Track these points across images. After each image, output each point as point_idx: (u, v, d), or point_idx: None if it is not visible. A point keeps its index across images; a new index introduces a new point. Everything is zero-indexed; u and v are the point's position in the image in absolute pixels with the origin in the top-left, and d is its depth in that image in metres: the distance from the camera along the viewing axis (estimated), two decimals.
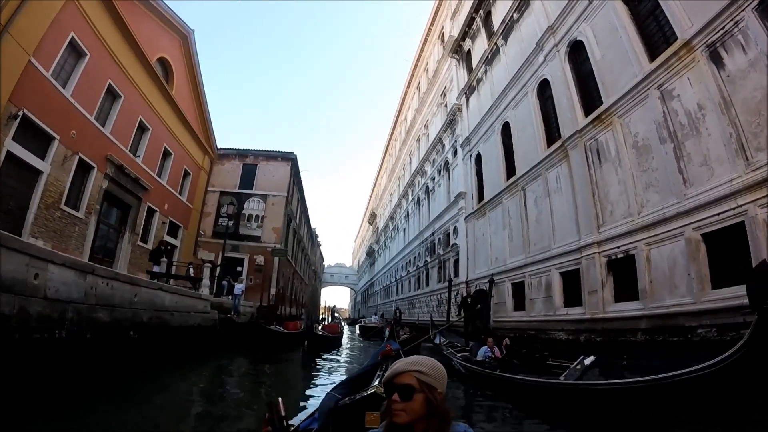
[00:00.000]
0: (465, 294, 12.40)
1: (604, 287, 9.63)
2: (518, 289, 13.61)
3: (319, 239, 59.80)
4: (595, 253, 10.00)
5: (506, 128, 16.17)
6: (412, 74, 35.29)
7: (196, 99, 22.60)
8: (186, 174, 22.24)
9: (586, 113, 11.40)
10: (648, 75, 9.17)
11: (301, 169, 28.63)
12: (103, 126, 14.61)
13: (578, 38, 11.94)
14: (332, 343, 16.68)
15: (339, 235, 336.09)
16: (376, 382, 3.57)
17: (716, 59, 7.70)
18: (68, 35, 12.18)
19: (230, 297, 16.53)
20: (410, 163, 34.51)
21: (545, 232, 12.44)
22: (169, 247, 16.39)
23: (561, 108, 12.42)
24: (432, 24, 29.71)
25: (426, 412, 1.31)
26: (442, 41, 26.66)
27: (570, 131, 11.66)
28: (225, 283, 17.52)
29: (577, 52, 12.27)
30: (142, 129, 17.49)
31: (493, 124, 17.10)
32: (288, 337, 15.21)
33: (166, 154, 19.86)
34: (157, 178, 18.77)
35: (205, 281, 14.27)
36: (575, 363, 6.74)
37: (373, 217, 57.51)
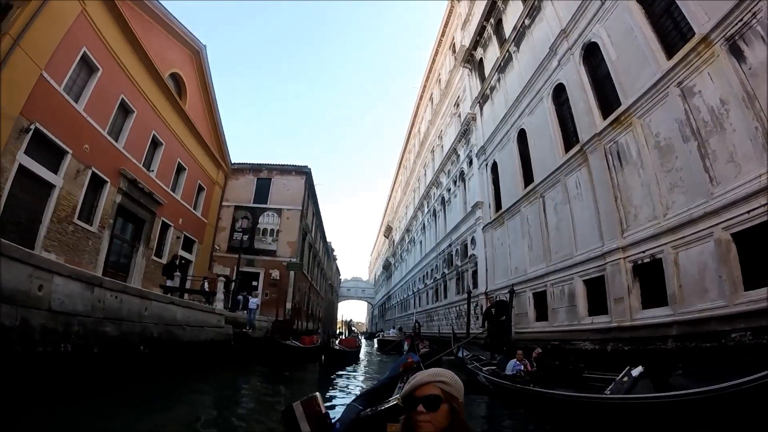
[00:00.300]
0: (489, 305, 11.80)
1: (631, 294, 9.28)
2: (540, 298, 13.25)
3: (335, 253, 59.75)
4: (620, 258, 9.67)
5: (522, 135, 15.94)
6: (425, 86, 35.36)
7: (209, 113, 22.81)
8: (200, 189, 22.39)
9: (604, 116, 11.16)
10: (666, 73, 8.94)
11: (315, 182, 28.67)
12: (116, 140, 14.75)
13: (592, 40, 11.76)
14: (350, 358, 16.33)
15: (355, 249, 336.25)
16: (397, 394, 3.41)
17: (736, 53, 7.50)
18: (80, 49, 12.35)
19: (245, 311, 16.41)
20: (425, 174, 34.35)
21: (566, 240, 12.12)
22: (182, 261, 16.37)
23: (578, 112, 12.18)
24: (442, 36, 29.80)
25: (449, 423, 1.34)
26: (454, 52, 26.69)
27: (588, 135, 11.40)
28: (240, 297, 17.42)
29: (591, 55, 12.06)
30: (155, 144, 17.64)
31: (508, 132, 16.88)
32: (304, 352, 14.96)
33: (180, 169, 20.01)
34: (171, 193, 18.90)
35: (219, 295, 14.17)
36: (621, 375, 6.17)
37: (388, 231, 57.34)
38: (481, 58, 21.51)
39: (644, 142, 9.59)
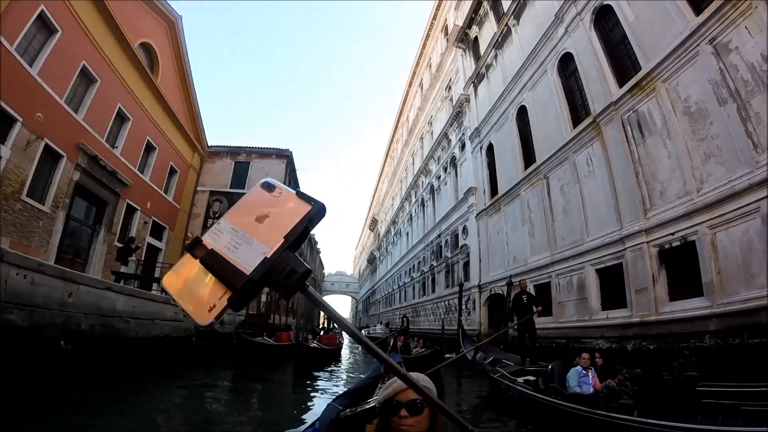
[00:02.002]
0: (519, 290, 9.33)
1: (656, 283, 7.98)
2: (543, 291, 11.91)
3: (318, 246, 58.06)
4: (642, 243, 8.37)
5: (522, 113, 14.67)
6: (414, 72, 33.88)
7: (185, 91, 21.05)
8: (172, 171, 20.64)
9: (620, 83, 9.97)
10: (696, 29, 7.82)
11: (297, 167, 26.98)
12: (76, 112, 13.18)
13: (605, 2, 10.45)
14: (329, 357, 14.68)
15: (340, 243, 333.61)
16: (378, 394, 2.94)
17: None
18: (37, 7, 10.87)
19: None
20: (413, 163, 32.94)
21: (576, 224, 10.81)
22: (139, 245, 14.65)
23: (589, 81, 10.93)
24: (434, 18, 28.36)
25: (429, 425, 1.36)
26: (446, 34, 25.39)
27: (602, 105, 10.14)
28: None
29: (603, 19, 10.87)
30: (121, 118, 15.98)
31: (506, 110, 15.54)
32: (278, 349, 13.42)
33: (150, 148, 18.30)
34: (139, 174, 17.23)
35: None
36: None
37: (374, 224, 55.77)
38: (476, 37, 20.20)
39: (671, 108, 8.38)
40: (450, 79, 24.03)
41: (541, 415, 5.82)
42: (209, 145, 24.16)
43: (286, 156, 24.72)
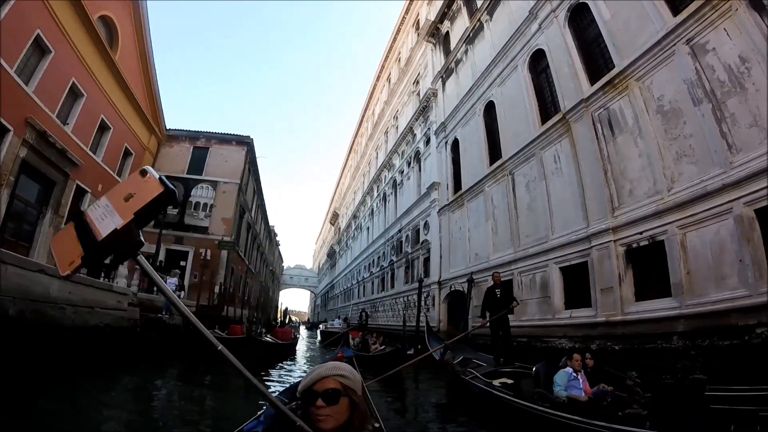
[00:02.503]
0: (492, 283, 8.55)
1: (623, 283, 7.82)
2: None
3: (278, 238, 56.77)
4: (609, 241, 8.20)
5: (490, 109, 14.45)
6: (383, 66, 33.32)
7: (145, 70, 19.79)
8: (127, 153, 19.40)
9: (593, 81, 9.80)
10: (674, 29, 7.70)
11: (258, 155, 25.98)
12: (27, 84, 12.15)
13: (581, 0, 10.29)
14: (283, 351, 14.01)
15: (300, 237, 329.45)
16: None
17: (758, 6, 6.47)
18: None
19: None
20: (376, 158, 32.47)
21: (541, 222, 10.62)
22: None
23: (561, 78, 10.77)
24: (407, 12, 27.87)
25: (350, 415, 1.36)
26: (417, 29, 25.06)
27: (573, 102, 10.00)
28: (173, 281, 14.64)
29: (578, 16, 10.75)
30: (75, 94, 14.83)
31: (474, 105, 15.30)
32: (228, 343, 12.58)
33: (104, 128, 17.10)
34: (91, 154, 16.03)
35: (122, 270, 11.46)
36: None
37: (335, 218, 55.00)
38: (447, 32, 19.91)
39: (644, 106, 8.27)
40: (418, 74, 23.66)
41: (522, 424, 5.00)
42: (167, 128, 22.88)
43: (246, 143, 23.79)
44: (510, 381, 6.38)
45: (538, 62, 12.23)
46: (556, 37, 11.17)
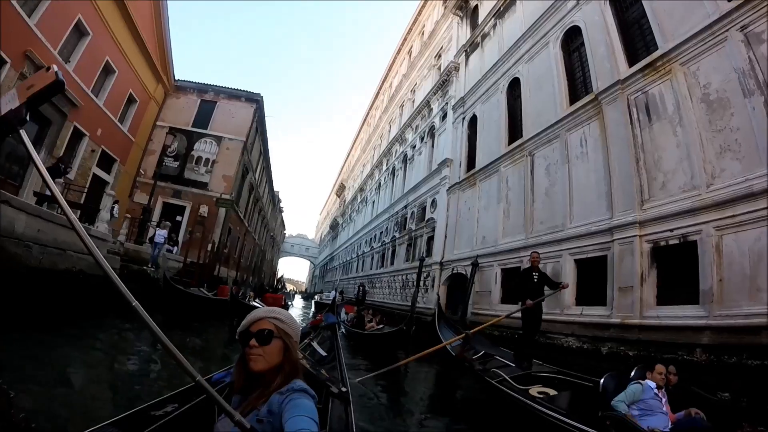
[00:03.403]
0: (529, 266, 7.33)
1: (645, 283, 7.12)
2: (511, 276, 11.04)
3: (282, 204, 56.23)
4: (634, 236, 7.47)
5: (514, 86, 13.57)
6: (405, 39, 32.03)
7: (156, 15, 18.94)
8: (131, 100, 18.70)
9: (630, 63, 8.94)
10: (727, 14, 6.89)
11: (267, 114, 25.13)
12: (29, 16, 11.51)
13: None
14: None
15: (305, 207, 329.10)
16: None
17: None
18: None
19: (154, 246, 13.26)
20: (389, 131, 31.52)
21: (558, 208, 9.87)
22: (69, 168, 12.89)
23: (596, 57, 9.89)
24: None
25: (282, 359, 1.39)
26: (444, 1, 23.78)
27: (607, 83, 9.14)
28: (163, 233, 14.04)
29: None
30: (80, 32, 14.11)
31: (497, 82, 14.41)
32: (211, 303, 12.13)
33: (108, 71, 16.36)
34: (92, 96, 15.35)
35: (104, 214, 10.80)
36: None
37: (341, 189, 54.23)
38: (476, 5, 18.89)
39: (687, 93, 7.44)
40: (441, 47, 22.59)
41: None
42: (176, 78, 22.05)
43: (256, 101, 23.00)
44: (552, 391, 5.04)
45: (572, 40, 11.34)
46: (594, 14, 10.25)
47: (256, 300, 14.14)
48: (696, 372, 5.63)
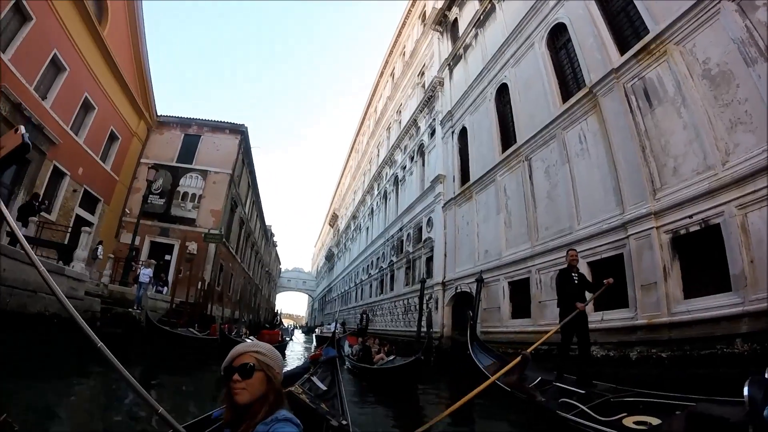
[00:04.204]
0: (567, 264, 6.42)
1: (669, 278, 6.54)
2: (519, 289, 10.45)
3: (275, 239, 55.46)
4: (650, 228, 6.94)
5: (502, 92, 13.28)
6: (387, 61, 32.17)
7: (136, 50, 18.78)
8: (113, 137, 18.32)
9: (622, 51, 8.61)
10: None
11: (253, 145, 24.73)
12: (3, 51, 11.26)
13: None
14: None
15: (299, 240, 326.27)
16: (298, 383, 4.19)
17: None
18: None
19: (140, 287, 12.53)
20: (378, 155, 31.26)
21: (563, 210, 9.35)
22: (44, 204, 12.27)
23: (585, 50, 9.60)
24: (412, 6, 26.81)
25: (265, 390, 1.41)
26: (423, 20, 23.94)
27: (600, 74, 8.79)
28: (148, 272, 13.30)
29: None
30: (57, 67, 13.90)
31: (484, 90, 14.11)
32: (201, 343, 11.36)
33: (88, 107, 16.06)
34: (71, 133, 14.99)
35: (80, 252, 10.10)
36: None
37: (334, 219, 53.65)
38: (455, 18, 18.80)
39: (687, 72, 7.10)
40: (423, 65, 22.52)
41: None
42: (158, 114, 21.72)
43: (240, 132, 22.69)
44: (653, 420, 3.78)
45: (557, 38, 11.09)
46: (578, 8, 10.00)
47: (250, 337, 13.36)
48: (740, 365, 5.06)
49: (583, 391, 4.96)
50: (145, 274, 12.51)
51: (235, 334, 12.99)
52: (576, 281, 6.12)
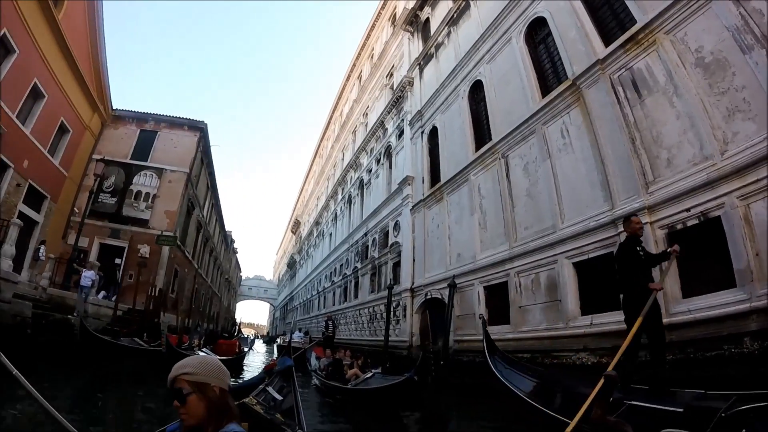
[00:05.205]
0: (630, 232, 4.95)
1: (665, 275, 6.09)
2: (497, 293, 9.90)
3: (235, 245, 53.49)
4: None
5: (476, 90, 12.88)
6: (354, 65, 31.52)
7: (92, 37, 17.23)
8: (63, 130, 16.64)
9: (607, 43, 8.29)
10: None
11: (212, 144, 23.48)
12: None
13: None
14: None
15: (261, 248, 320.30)
16: (253, 394, 4.19)
17: None
18: None
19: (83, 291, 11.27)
20: (342, 159, 30.50)
21: (545, 209, 8.86)
22: None
23: (567, 43, 9.29)
24: (382, 8, 26.31)
25: (206, 409, 1.32)
26: (393, 22, 23.44)
27: (585, 65, 8.44)
28: (90, 274, 11.96)
29: None
30: (5, 48, 12.41)
31: (457, 87, 13.67)
32: (145, 355, 10.24)
33: (37, 95, 14.45)
34: (17, 122, 13.41)
35: (8, 248, 8.77)
36: None
37: (296, 226, 52.25)
38: (427, 18, 18.39)
39: (678, 61, 6.79)
40: (393, 66, 22.01)
41: None
42: (114, 108, 20.13)
43: (199, 128, 21.49)
44: None
45: (536, 32, 10.74)
46: (559, 1, 9.69)
47: (203, 349, 12.22)
48: (751, 365, 4.65)
49: (680, 410, 3.54)
50: (87, 277, 11.25)
51: (187, 346, 11.85)
52: (642, 255, 4.80)
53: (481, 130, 12.20)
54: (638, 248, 4.81)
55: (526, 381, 5.62)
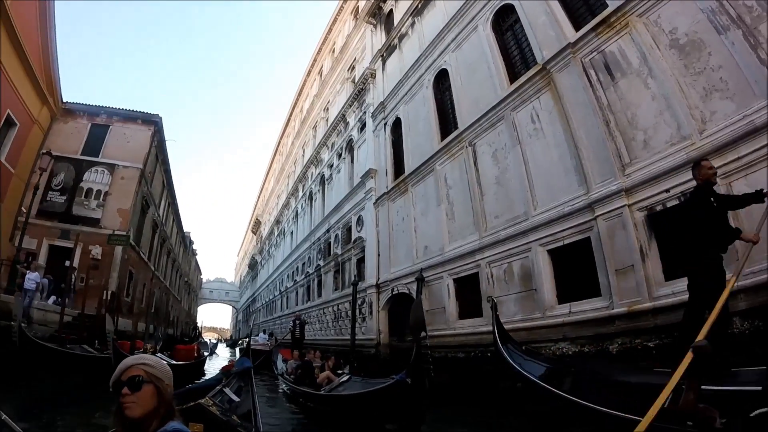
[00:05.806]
0: (701, 180, 4.09)
1: (647, 259, 5.90)
2: (467, 286, 9.62)
3: (194, 247, 51.55)
4: (622, 206, 6.32)
5: (440, 79, 12.60)
6: (314, 60, 30.73)
7: (42, 27, 15.80)
8: (10, 123, 15.16)
9: (577, 28, 8.16)
10: None
11: (167, 138, 22.27)
12: None
13: None
14: (181, 373, 10.37)
15: (222, 250, 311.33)
16: (210, 395, 4.08)
17: None
18: None
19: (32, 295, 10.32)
20: (303, 155, 29.77)
21: (516, 197, 8.62)
22: None
23: (536, 28, 9.12)
24: (344, 2, 25.67)
25: (156, 403, 1.33)
26: (355, 15, 22.88)
27: (555, 50, 8.28)
28: (34, 276, 10.93)
29: None
30: None
31: (421, 77, 13.32)
32: (92, 363, 9.39)
33: None
34: None
35: None
36: None
37: (257, 226, 50.87)
38: (390, 9, 17.93)
39: (652, 43, 6.71)
40: (354, 59, 21.49)
41: None
42: (64, 101, 18.67)
43: (154, 122, 20.38)
44: None
45: (503, 20, 10.51)
46: None
47: (159, 354, 11.36)
48: (742, 345, 4.50)
49: (758, 388, 2.92)
50: (31, 279, 10.36)
51: (142, 352, 10.95)
52: (716, 205, 3.93)
53: (447, 120, 11.92)
54: (712, 198, 3.95)
55: (553, 373, 4.81)
